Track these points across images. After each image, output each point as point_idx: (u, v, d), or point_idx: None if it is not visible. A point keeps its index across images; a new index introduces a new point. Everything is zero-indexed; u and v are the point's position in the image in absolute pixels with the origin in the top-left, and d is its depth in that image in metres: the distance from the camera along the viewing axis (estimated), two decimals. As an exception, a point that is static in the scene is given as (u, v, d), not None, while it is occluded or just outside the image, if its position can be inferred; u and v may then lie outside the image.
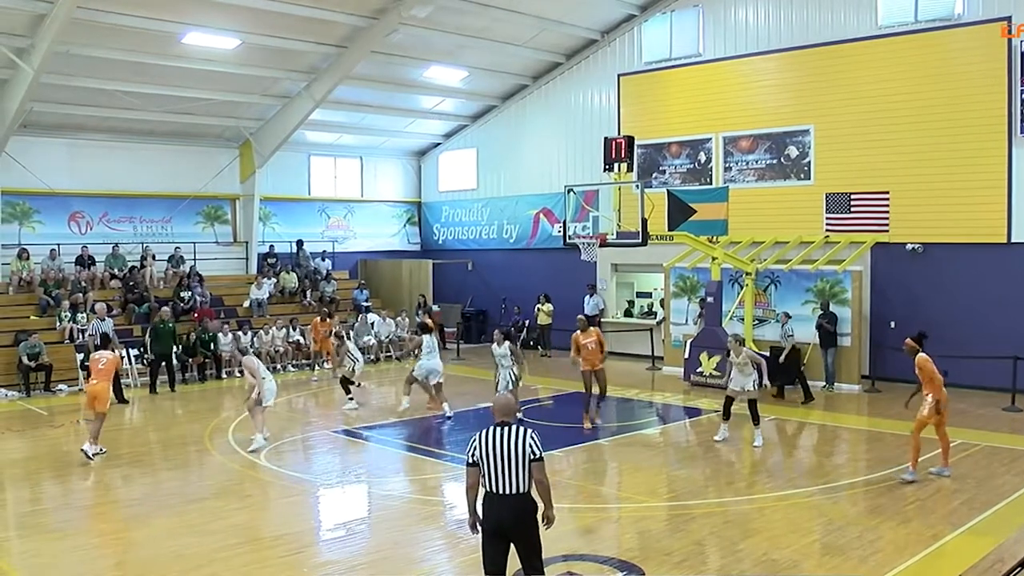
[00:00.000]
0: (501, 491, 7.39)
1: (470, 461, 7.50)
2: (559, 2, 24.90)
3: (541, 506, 7.56)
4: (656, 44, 25.80)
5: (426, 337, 18.30)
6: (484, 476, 7.44)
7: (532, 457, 7.39)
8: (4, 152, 23.37)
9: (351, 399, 18.96)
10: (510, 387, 16.61)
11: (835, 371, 20.58)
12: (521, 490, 7.38)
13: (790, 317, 20.37)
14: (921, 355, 12.90)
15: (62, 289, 23.53)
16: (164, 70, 23.37)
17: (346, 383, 19.14)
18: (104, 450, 14.75)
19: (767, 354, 18.58)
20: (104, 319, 21.22)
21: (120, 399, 19.80)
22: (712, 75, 24.70)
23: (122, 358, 20.98)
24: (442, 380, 18.31)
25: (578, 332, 17.14)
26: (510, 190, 30.19)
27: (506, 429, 7.49)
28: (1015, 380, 18.27)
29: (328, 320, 24.68)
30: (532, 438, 7.46)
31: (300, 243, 29.58)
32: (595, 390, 16.98)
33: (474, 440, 7.51)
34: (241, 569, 9.63)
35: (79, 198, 25.75)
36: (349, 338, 26.09)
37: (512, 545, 7.52)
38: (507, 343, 16.86)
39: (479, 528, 7.63)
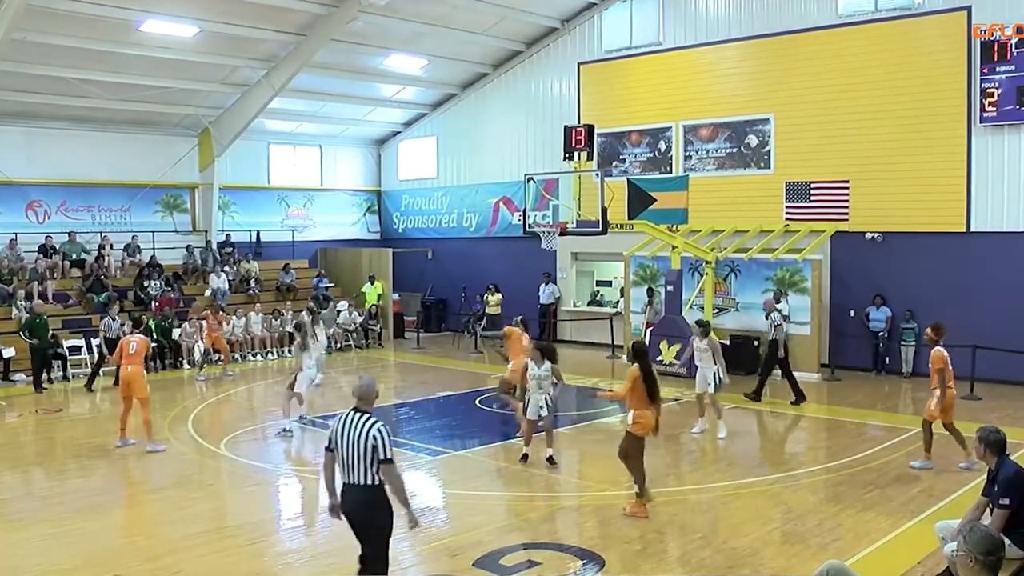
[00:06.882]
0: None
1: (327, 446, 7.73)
2: (519, -10, 24.83)
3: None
4: (616, 32, 25.80)
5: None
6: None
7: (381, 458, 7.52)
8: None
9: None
10: (543, 413, 13.26)
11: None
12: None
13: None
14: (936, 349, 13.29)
15: (18, 279, 23.19)
16: (122, 58, 23.04)
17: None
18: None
19: (726, 342, 18.69)
20: None
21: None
22: (672, 64, 24.73)
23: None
24: None
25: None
26: (470, 179, 30.11)
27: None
28: (974, 368, 18.41)
29: (220, 313, 23.29)
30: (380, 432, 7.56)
31: (259, 235, 29.44)
32: None
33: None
34: (203, 558, 9.56)
35: (37, 187, 25.30)
36: (316, 325, 26.12)
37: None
38: (547, 363, 13.23)
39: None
